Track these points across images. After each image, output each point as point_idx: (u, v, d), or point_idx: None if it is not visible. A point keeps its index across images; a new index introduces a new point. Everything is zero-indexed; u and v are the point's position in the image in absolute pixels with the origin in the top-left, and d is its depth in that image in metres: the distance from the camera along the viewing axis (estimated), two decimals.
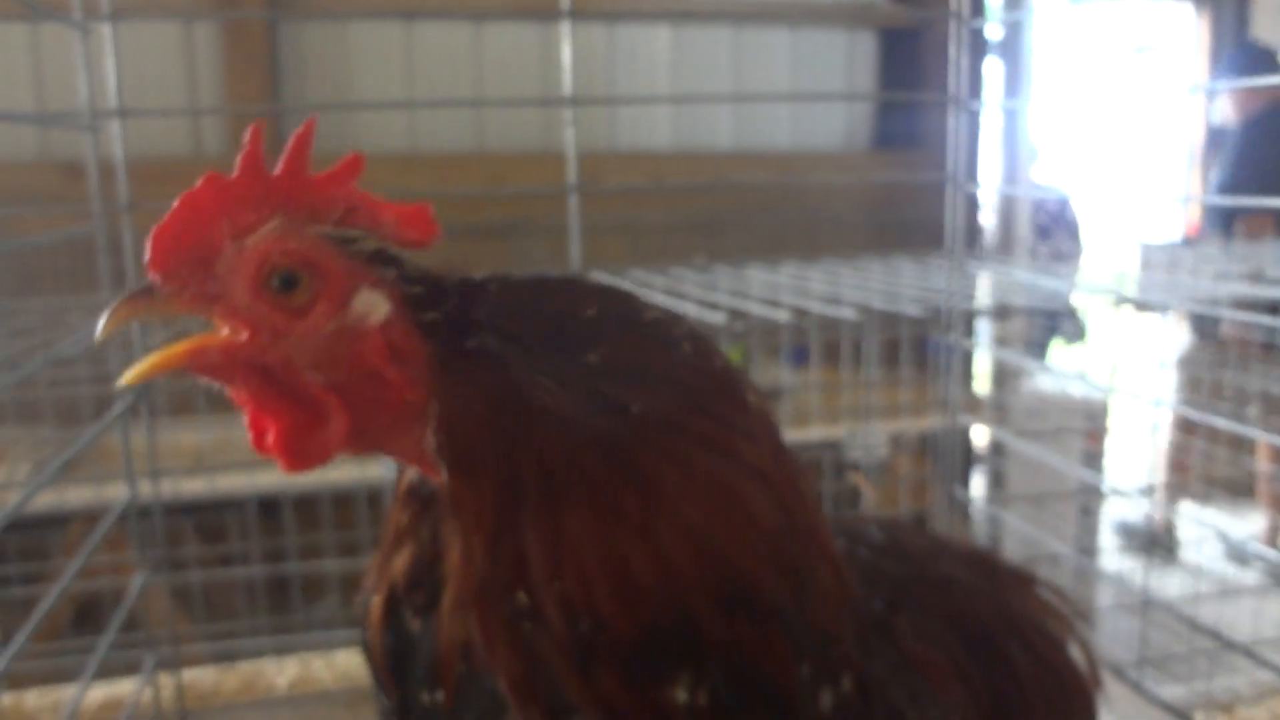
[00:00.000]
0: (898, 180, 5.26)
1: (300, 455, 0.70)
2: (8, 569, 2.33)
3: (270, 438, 0.71)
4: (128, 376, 0.70)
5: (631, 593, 0.65)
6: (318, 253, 0.68)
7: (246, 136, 0.72)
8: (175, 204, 0.68)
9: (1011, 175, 5.48)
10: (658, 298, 2.45)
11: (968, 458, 3.83)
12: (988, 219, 5.36)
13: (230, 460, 3.11)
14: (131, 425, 1.52)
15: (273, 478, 3.27)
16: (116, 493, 1.54)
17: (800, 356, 4.45)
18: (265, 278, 0.67)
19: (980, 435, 3.92)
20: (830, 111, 5.54)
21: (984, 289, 2.69)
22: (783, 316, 2.11)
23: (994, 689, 1.00)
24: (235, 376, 0.69)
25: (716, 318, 2.11)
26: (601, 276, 2.97)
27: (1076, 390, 3.77)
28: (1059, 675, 1.10)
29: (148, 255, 0.68)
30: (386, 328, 0.68)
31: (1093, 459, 3.70)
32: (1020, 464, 3.65)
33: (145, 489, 1.59)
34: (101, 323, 0.68)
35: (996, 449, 3.83)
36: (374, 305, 0.68)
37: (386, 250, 0.71)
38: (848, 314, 2.12)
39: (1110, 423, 3.73)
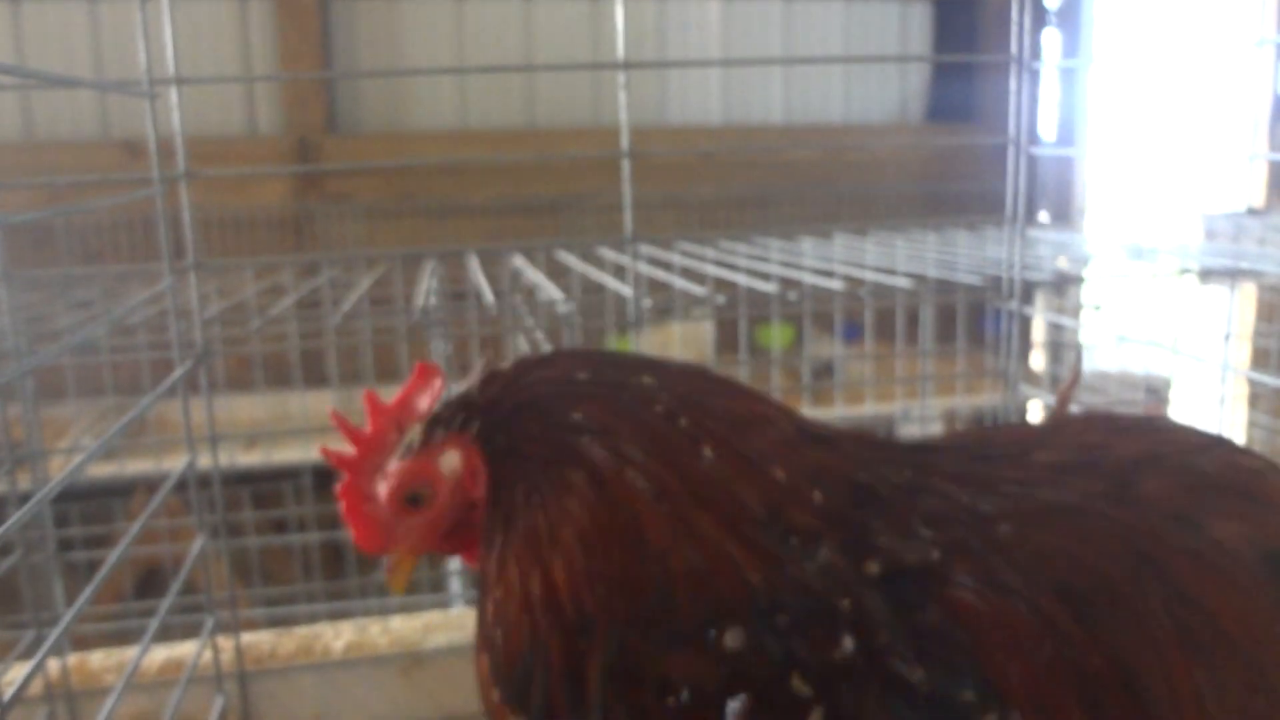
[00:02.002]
0: (954, 149, 5.17)
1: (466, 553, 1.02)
2: (72, 533, 2.39)
3: (464, 556, 1.03)
4: (396, 590, 1.02)
5: (530, 609, 0.90)
6: (407, 474, 0.97)
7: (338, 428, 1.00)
8: (346, 516, 0.99)
9: (1070, 141, 5.36)
10: (708, 269, 2.44)
11: None
12: (1046, 186, 5.25)
13: (286, 429, 3.16)
14: (191, 397, 1.54)
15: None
16: (177, 462, 1.56)
17: (853, 333, 4.41)
18: (404, 506, 0.98)
19: (1038, 411, 3.85)
20: (884, 84, 5.46)
21: (1044, 257, 2.63)
22: (836, 286, 2.09)
23: (1105, 638, 0.87)
24: (439, 547, 1.02)
25: (769, 287, 2.09)
26: (651, 249, 2.96)
27: (1137, 365, 3.69)
28: (1215, 620, 0.90)
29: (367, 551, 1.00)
30: (465, 463, 0.96)
31: None
32: None
33: (204, 459, 1.61)
34: (390, 585, 1.00)
35: None
36: (452, 460, 0.96)
37: (428, 423, 0.97)
38: (903, 283, 2.09)
39: (1173, 397, 3.65)
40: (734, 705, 0.83)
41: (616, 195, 1.74)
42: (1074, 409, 1.17)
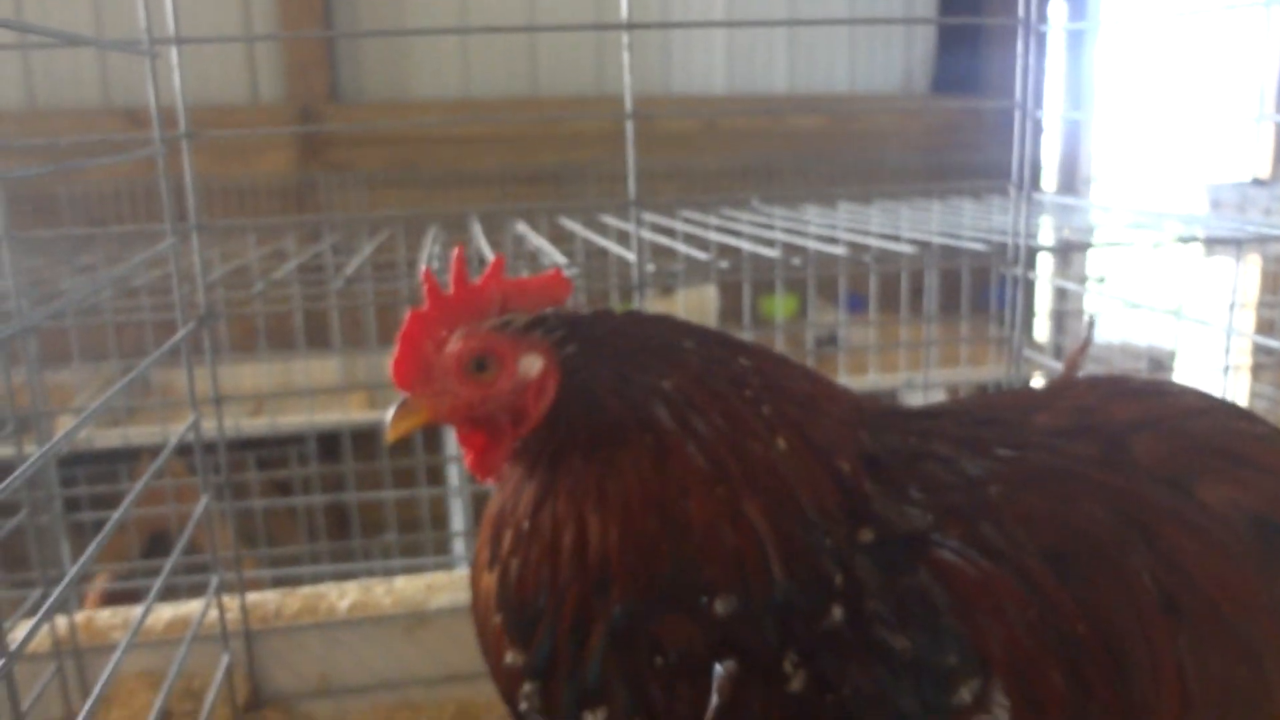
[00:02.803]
0: (959, 120, 5.14)
1: (490, 468, 1.00)
2: (78, 492, 2.40)
3: (471, 457, 1.00)
4: (390, 435, 0.98)
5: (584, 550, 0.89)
6: (490, 342, 0.96)
7: (423, 284, 0.98)
8: (397, 341, 0.97)
9: (1076, 107, 5.32)
10: (711, 236, 2.43)
11: None
12: (1051, 154, 5.22)
13: (289, 389, 3.16)
14: (195, 361, 1.55)
15: (332, 417, 3.33)
16: (183, 429, 1.56)
17: (857, 304, 4.40)
18: (465, 368, 0.96)
19: (1041, 381, 3.85)
20: (889, 54, 5.43)
21: (1048, 225, 2.63)
22: (840, 252, 2.08)
23: (1089, 604, 0.87)
24: (458, 423, 0.99)
25: (772, 253, 2.08)
26: (655, 217, 2.95)
27: (1141, 337, 3.68)
28: (1202, 590, 0.89)
29: (394, 382, 0.97)
30: (541, 376, 0.94)
31: None
32: None
33: (209, 423, 1.62)
34: (389, 429, 0.97)
35: None
36: (533, 364, 0.95)
37: (535, 319, 0.96)
38: (907, 249, 2.09)
39: (1177, 368, 3.65)
40: (720, 669, 0.84)
41: (619, 165, 1.73)
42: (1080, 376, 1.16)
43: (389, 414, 0.97)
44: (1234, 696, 0.90)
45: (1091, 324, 1.27)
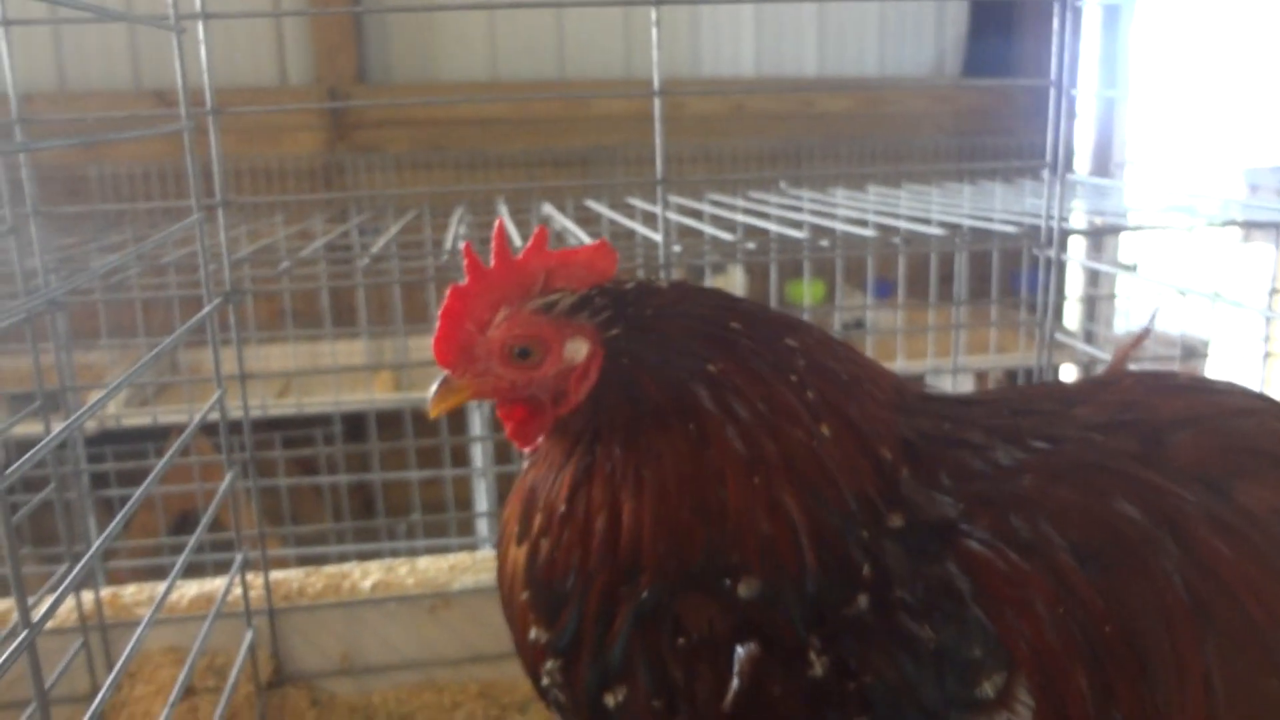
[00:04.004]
0: (991, 105, 5.08)
1: (528, 439, 0.99)
2: (105, 468, 2.42)
3: (510, 427, 1.00)
4: (433, 412, 0.98)
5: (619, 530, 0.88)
6: (535, 328, 0.94)
7: (464, 258, 0.96)
8: (438, 317, 0.96)
9: (1111, 87, 5.25)
10: (739, 218, 2.41)
11: None
12: (1085, 136, 5.13)
13: (316, 367, 3.17)
14: (221, 339, 1.55)
15: (359, 398, 3.34)
16: (213, 414, 1.56)
17: (885, 290, 4.36)
18: (508, 353, 0.95)
19: (1071, 373, 3.80)
20: (920, 37, 5.36)
21: (1080, 208, 2.59)
22: (868, 234, 2.06)
23: (1116, 604, 0.85)
24: (501, 401, 0.99)
25: (799, 235, 2.06)
26: (682, 199, 2.93)
27: (1174, 325, 3.62)
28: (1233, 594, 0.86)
29: (436, 359, 0.97)
30: (586, 360, 0.93)
31: None
32: None
33: (234, 400, 1.62)
34: (431, 406, 0.97)
35: None
36: (578, 349, 0.93)
37: (581, 299, 0.94)
38: (936, 231, 2.06)
39: (1211, 356, 3.59)
40: (742, 652, 0.83)
41: (646, 148, 1.71)
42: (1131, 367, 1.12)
43: (431, 390, 0.97)
44: (1262, 709, 0.87)
45: (1153, 316, 1.22)
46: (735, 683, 0.83)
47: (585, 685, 0.89)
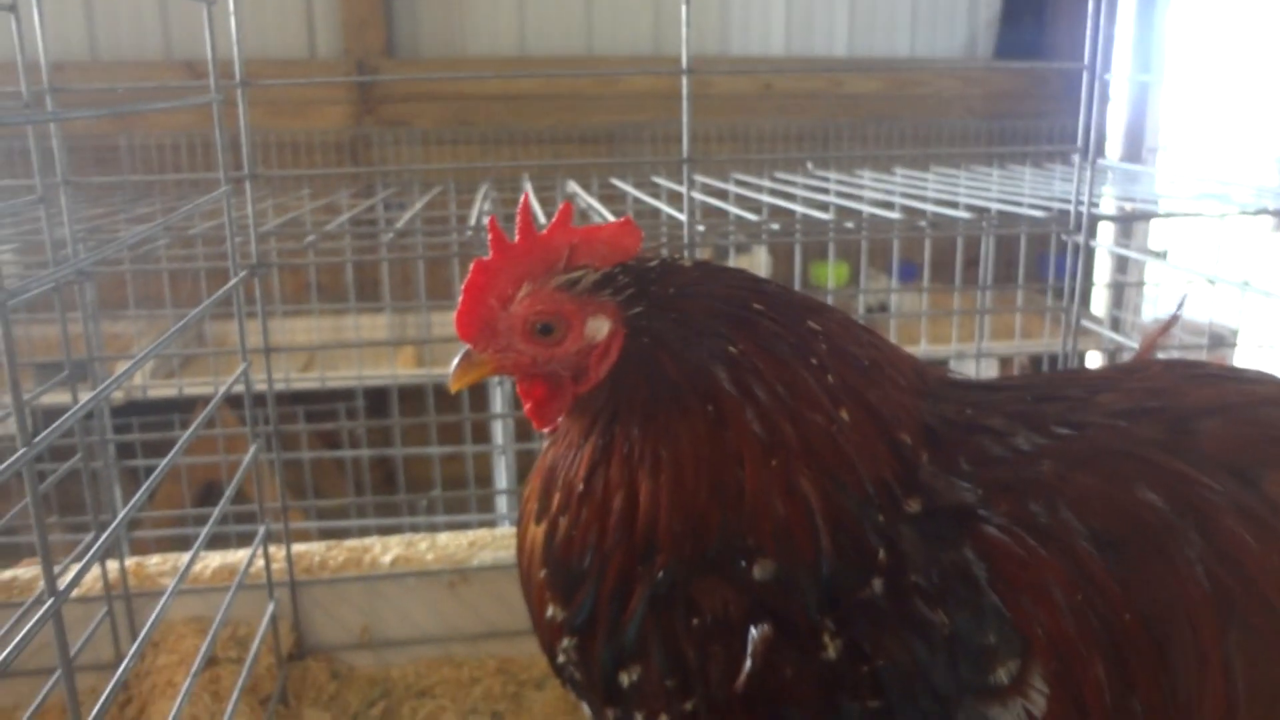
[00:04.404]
0: (1023, 87, 5.02)
1: (547, 419, 0.99)
2: (131, 438, 2.44)
3: (530, 405, 1.00)
4: (453, 386, 0.99)
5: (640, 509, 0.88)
6: (557, 305, 0.94)
7: (489, 233, 0.96)
8: (462, 291, 0.96)
9: (1144, 72, 5.17)
10: (764, 199, 2.40)
11: None
12: (1117, 121, 5.06)
13: (340, 341, 3.18)
14: (246, 312, 1.56)
15: (382, 373, 3.36)
16: (238, 387, 1.57)
17: (909, 273, 4.34)
18: (530, 329, 0.95)
19: (1097, 360, 3.77)
20: (953, 18, 5.30)
21: (1111, 194, 2.56)
22: (894, 216, 2.04)
23: (1136, 592, 0.84)
24: (522, 377, 0.99)
25: (825, 216, 2.05)
26: (708, 179, 2.91)
27: (1202, 313, 3.58)
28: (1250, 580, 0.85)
29: (458, 334, 0.97)
30: (607, 338, 0.93)
31: None
32: None
33: (259, 373, 1.63)
34: (452, 380, 0.98)
35: None
36: (600, 327, 0.93)
37: (604, 277, 0.94)
38: (963, 214, 2.04)
39: (1240, 344, 3.55)
40: (755, 633, 0.83)
41: (673, 126, 1.70)
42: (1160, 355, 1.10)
43: (452, 365, 0.97)
44: None
45: (1180, 303, 1.20)
46: (748, 664, 0.83)
47: (600, 663, 0.89)
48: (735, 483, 0.86)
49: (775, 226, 2.02)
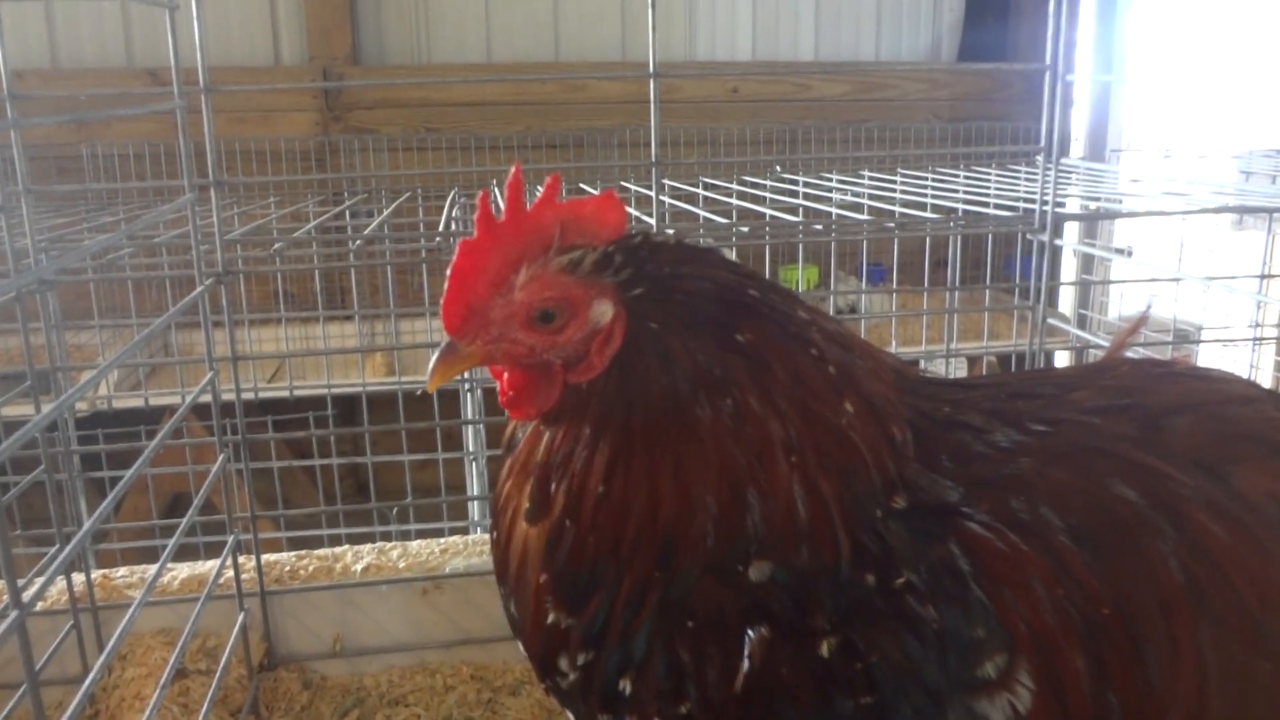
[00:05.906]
0: (986, 91, 5.07)
1: (530, 410, 0.92)
2: (98, 452, 2.41)
3: (512, 395, 0.92)
4: (431, 383, 0.90)
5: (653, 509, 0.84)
6: (564, 289, 0.87)
7: (477, 209, 0.88)
8: (448, 276, 0.87)
9: (1106, 73, 5.23)
10: (733, 202, 2.41)
11: None
12: (1079, 122, 5.12)
13: (308, 350, 3.15)
14: (213, 321, 1.54)
15: (351, 382, 3.33)
16: (205, 396, 1.55)
17: (878, 275, 4.36)
18: (531, 317, 0.88)
19: (1064, 358, 3.80)
20: (917, 22, 5.35)
21: (1075, 193, 2.58)
22: (863, 217, 2.05)
23: (1112, 585, 0.85)
24: (511, 367, 0.92)
25: (794, 219, 2.06)
26: (677, 184, 2.92)
27: (1166, 310, 3.63)
28: (1226, 582, 0.86)
29: (443, 325, 0.88)
30: (610, 322, 0.87)
31: None
32: None
33: (226, 381, 1.61)
34: (429, 378, 0.90)
35: None
36: (604, 312, 0.87)
37: (602, 258, 0.88)
38: (931, 215, 2.06)
39: (1203, 340, 3.59)
40: (752, 634, 0.83)
41: (641, 132, 1.71)
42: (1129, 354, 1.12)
43: (431, 362, 0.89)
44: (1254, 693, 0.87)
45: (1149, 304, 1.21)
46: (745, 665, 0.82)
47: (605, 672, 0.87)
48: (757, 485, 0.84)
49: (745, 229, 2.03)
